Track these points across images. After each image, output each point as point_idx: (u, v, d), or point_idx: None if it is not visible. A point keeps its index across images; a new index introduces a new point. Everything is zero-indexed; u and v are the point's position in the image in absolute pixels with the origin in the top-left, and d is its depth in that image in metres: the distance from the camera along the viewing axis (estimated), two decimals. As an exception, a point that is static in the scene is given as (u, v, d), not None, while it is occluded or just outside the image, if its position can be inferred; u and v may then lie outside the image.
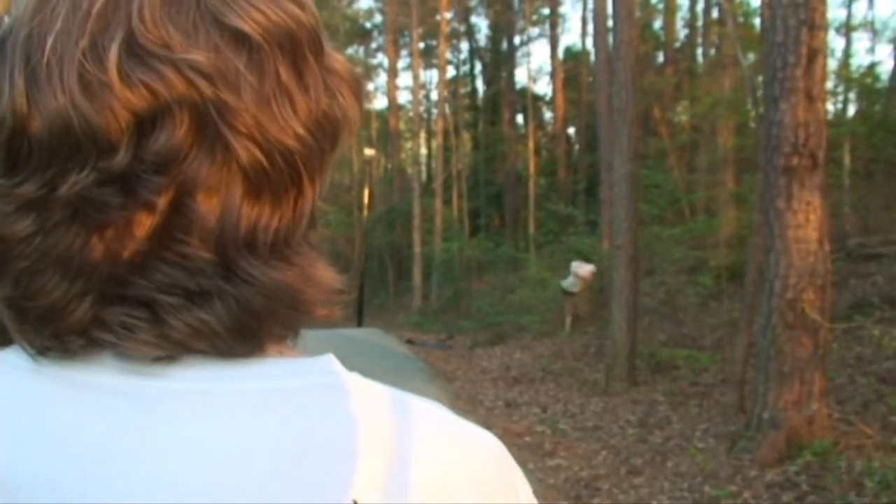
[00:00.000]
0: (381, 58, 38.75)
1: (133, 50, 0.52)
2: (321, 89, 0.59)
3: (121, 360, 0.54)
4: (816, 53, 6.20)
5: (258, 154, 0.54)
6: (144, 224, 0.53)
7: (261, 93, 0.55)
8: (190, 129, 0.53)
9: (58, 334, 0.54)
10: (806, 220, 6.18)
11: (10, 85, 0.53)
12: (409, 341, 16.10)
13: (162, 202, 0.53)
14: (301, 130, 0.56)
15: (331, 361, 0.58)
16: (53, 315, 0.53)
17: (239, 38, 0.54)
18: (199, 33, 0.53)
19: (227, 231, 0.54)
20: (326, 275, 0.60)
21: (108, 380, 0.54)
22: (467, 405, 9.66)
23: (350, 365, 0.60)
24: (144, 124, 0.52)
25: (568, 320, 15.02)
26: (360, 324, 20.30)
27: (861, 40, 49.90)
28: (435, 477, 0.55)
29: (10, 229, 0.53)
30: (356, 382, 0.57)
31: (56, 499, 0.51)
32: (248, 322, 0.54)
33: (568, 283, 15.24)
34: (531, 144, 30.55)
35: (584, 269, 15.18)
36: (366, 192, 27.33)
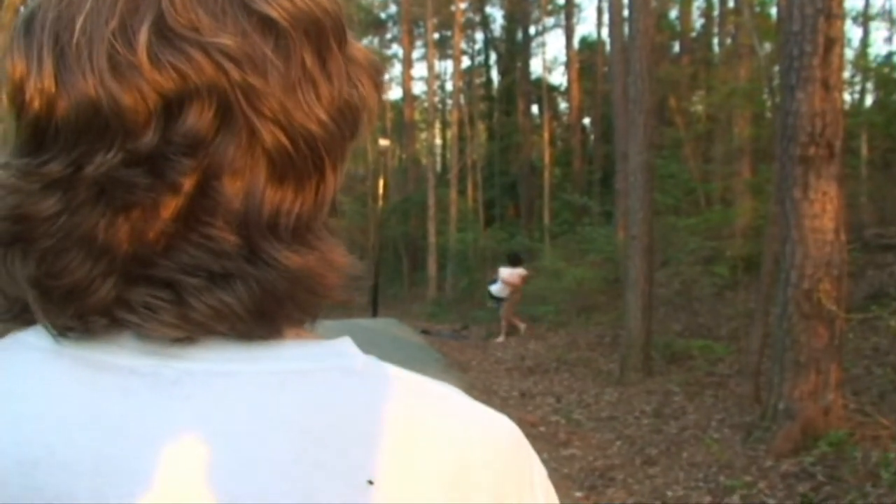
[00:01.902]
0: (396, 48, 38.73)
1: (162, 32, 0.53)
2: (343, 77, 0.59)
3: (140, 341, 0.55)
4: (833, 42, 6.16)
5: (283, 139, 0.55)
6: (170, 206, 0.53)
7: (287, 78, 0.55)
8: (217, 112, 0.53)
9: (81, 314, 0.54)
10: (822, 210, 6.15)
11: (38, 65, 0.54)
12: (424, 331, 16.12)
13: (188, 184, 0.53)
14: (324, 117, 0.57)
15: (348, 344, 0.59)
16: (77, 294, 0.54)
17: (266, 24, 0.55)
18: (227, 18, 0.54)
19: (251, 214, 0.55)
20: (346, 260, 0.60)
21: (126, 360, 0.55)
22: (482, 395, 9.66)
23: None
24: (172, 106, 0.53)
25: (503, 324, 14.90)
26: (374, 314, 20.34)
27: (879, 30, 49.23)
28: (451, 459, 0.55)
29: (36, 208, 0.54)
30: (373, 365, 0.58)
31: (73, 477, 0.52)
32: (268, 305, 0.55)
33: (496, 288, 15.10)
34: (546, 135, 30.45)
35: (511, 274, 15.04)
36: (380, 183, 27.31)
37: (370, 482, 0.53)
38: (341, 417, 0.54)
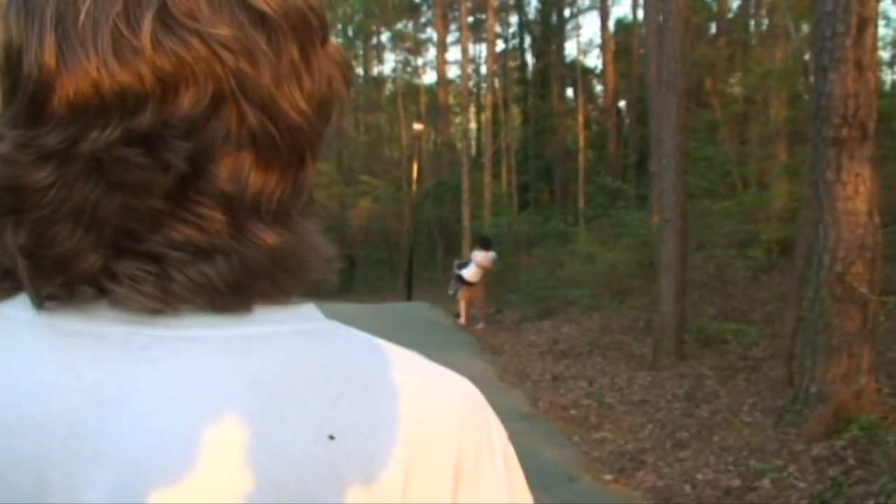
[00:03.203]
0: (430, 32, 38.62)
1: (164, 19, 0.55)
2: (323, 73, 0.63)
3: (115, 309, 0.57)
4: (867, 22, 6.09)
5: (269, 126, 0.59)
6: (164, 184, 0.56)
7: (277, 70, 0.59)
8: (212, 98, 0.56)
9: (68, 282, 0.57)
10: (855, 192, 6.10)
11: (39, 41, 0.56)
12: (458, 315, 16.17)
13: (183, 165, 0.56)
14: (306, 109, 0.60)
15: (311, 309, 0.63)
16: (64, 263, 0.56)
17: (260, 18, 0.58)
18: (223, 10, 0.57)
19: (237, 195, 0.58)
20: (322, 243, 0.64)
21: (100, 328, 0.57)
22: (515, 378, 9.71)
23: (398, 338, 0.64)
24: (169, 89, 0.55)
25: (462, 305, 14.85)
26: (409, 297, 20.47)
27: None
28: (410, 415, 0.59)
29: (29, 179, 0.56)
30: (334, 328, 0.62)
31: (48, 440, 0.55)
32: (246, 280, 0.58)
33: (468, 272, 14.97)
34: (581, 118, 30.30)
35: (484, 258, 14.96)
36: (415, 167, 27.36)
37: (331, 437, 0.56)
38: (304, 377, 0.57)
